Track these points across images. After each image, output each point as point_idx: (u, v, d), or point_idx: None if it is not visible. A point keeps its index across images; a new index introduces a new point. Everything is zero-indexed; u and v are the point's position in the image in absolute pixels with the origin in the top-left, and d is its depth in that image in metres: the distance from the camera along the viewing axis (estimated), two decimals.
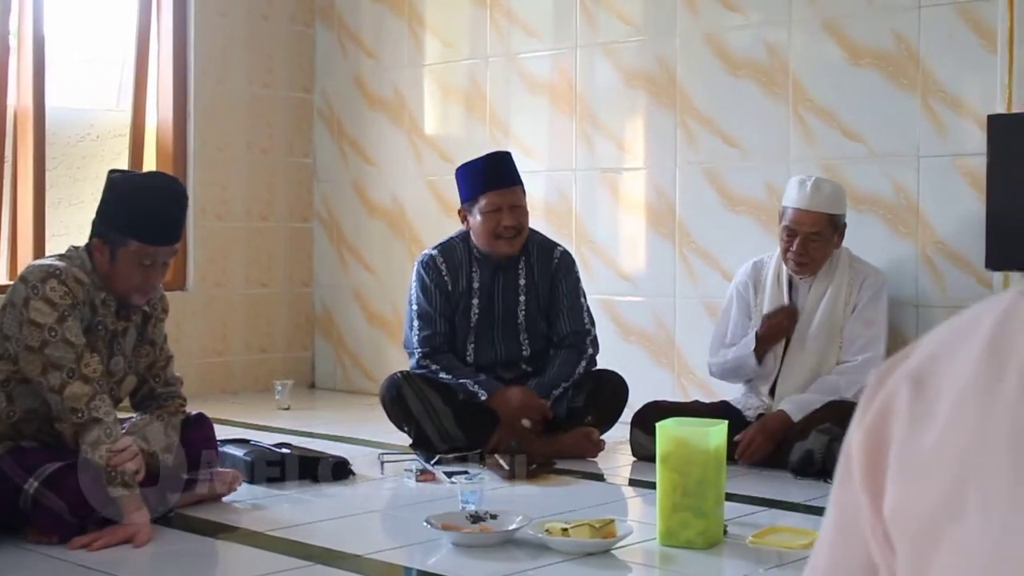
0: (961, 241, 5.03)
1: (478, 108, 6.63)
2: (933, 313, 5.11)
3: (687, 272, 5.84)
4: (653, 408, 4.88)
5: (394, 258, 6.97)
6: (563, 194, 6.27)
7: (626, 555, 3.52)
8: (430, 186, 6.80)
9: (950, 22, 5.07)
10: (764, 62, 5.60)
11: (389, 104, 7.01)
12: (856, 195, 5.28)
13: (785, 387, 4.89)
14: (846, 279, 4.90)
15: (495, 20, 6.54)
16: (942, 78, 5.10)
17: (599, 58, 6.18)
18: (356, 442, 5.34)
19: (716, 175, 5.74)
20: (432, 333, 5.10)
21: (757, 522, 3.87)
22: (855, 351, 4.84)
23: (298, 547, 3.57)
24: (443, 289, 5.14)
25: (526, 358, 5.18)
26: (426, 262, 5.19)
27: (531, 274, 5.19)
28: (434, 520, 3.66)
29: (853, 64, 5.33)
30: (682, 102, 5.85)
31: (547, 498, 4.27)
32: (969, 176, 5.00)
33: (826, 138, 5.40)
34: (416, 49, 6.90)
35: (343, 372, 7.26)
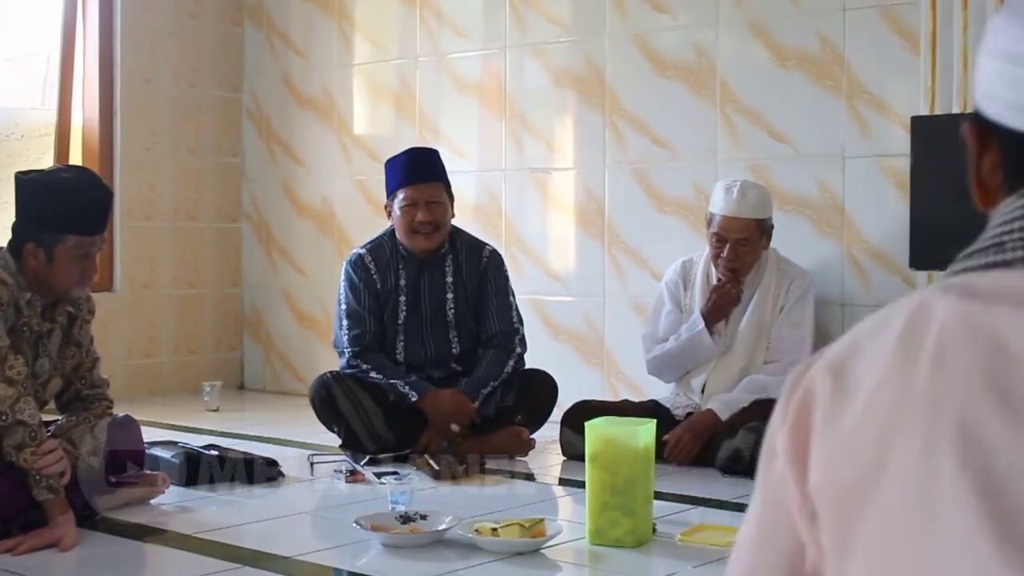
0: (885, 241, 5.09)
1: (407, 108, 6.62)
2: (858, 312, 5.17)
3: (616, 272, 5.87)
4: (583, 407, 4.90)
5: (324, 258, 6.94)
6: (493, 194, 6.28)
7: (556, 554, 3.53)
8: (359, 186, 6.78)
9: (874, 25, 5.13)
10: (692, 63, 5.64)
11: (318, 104, 6.99)
12: (782, 195, 5.33)
13: (714, 386, 4.93)
14: (774, 280, 4.95)
15: (425, 20, 6.53)
16: (867, 80, 5.16)
17: (528, 58, 6.19)
18: (286, 443, 5.32)
19: (645, 175, 5.77)
20: (362, 332, 5.09)
21: (686, 520, 3.90)
22: (782, 352, 4.89)
23: (226, 549, 3.54)
24: (372, 288, 5.13)
25: (456, 356, 5.18)
26: (354, 261, 5.18)
27: (459, 273, 5.19)
28: (364, 521, 3.65)
29: (779, 66, 5.39)
30: (611, 102, 5.88)
31: (477, 498, 4.27)
32: (893, 177, 5.06)
33: (753, 139, 5.45)
34: (345, 49, 6.88)
35: (272, 373, 7.22)
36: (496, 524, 3.57)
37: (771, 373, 4.85)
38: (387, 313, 5.15)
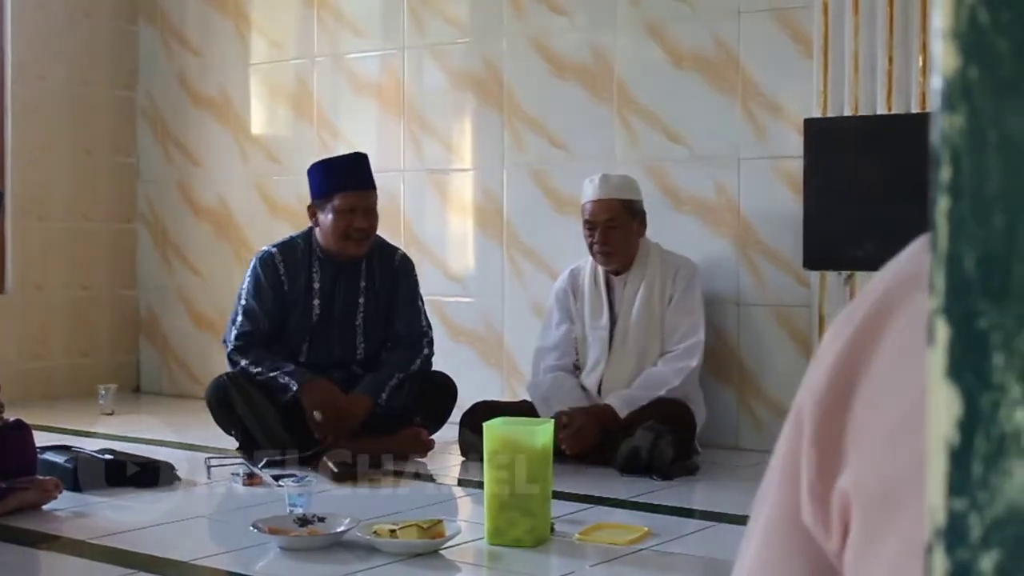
0: (780, 241, 5.16)
1: (305, 109, 6.59)
2: (754, 311, 5.24)
3: (515, 273, 5.89)
4: (482, 408, 4.92)
5: (220, 259, 6.89)
6: (391, 195, 6.26)
7: (454, 555, 3.54)
8: (257, 187, 6.74)
9: (768, 28, 5.20)
10: (589, 64, 5.67)
11: (215, 104, 6.93)
12: (678, 196, 5.39)
13: (611, 383, 4.97)
14: (659, 272, 5.03)
15: (322, 20, 6.51)
16: (761, 82, 5.23)
17: (427, 59, 6.19)
18: (182, 446, 5.26)
19: (543, 176, 5.80)
20: (251, 330, 5.07)
21: (584, 519, 3.93)
22: (677, 339, 4.96)
23: (121, 555, 3.51)
24: (277, 288, 5.11)
25: (359, 361, 5.17)
26: (264, 259, 5.15)
27: (372, 277, 5.19)
28: (261, 524, 3.63)
29: (676, 68, 5.44)
30: (509, 103, 5.90)
31: (376, 499, 4.27)
32: (787, 178, 5.14)
33: (650, 140, 5.50)
34: (242, 48, 6.82)
35: (169, 375, 7.15)
36: (395, 525, 3.57)
37: (668, 362, 4.94)
38: (296, 314, 5.12)
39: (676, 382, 4.84)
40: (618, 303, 5.08)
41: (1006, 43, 0.42)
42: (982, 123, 0.42)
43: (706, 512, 4.10)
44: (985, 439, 0.42)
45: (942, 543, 0.43)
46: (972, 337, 0.42)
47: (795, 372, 5.07)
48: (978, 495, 0.42)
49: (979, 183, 0.42)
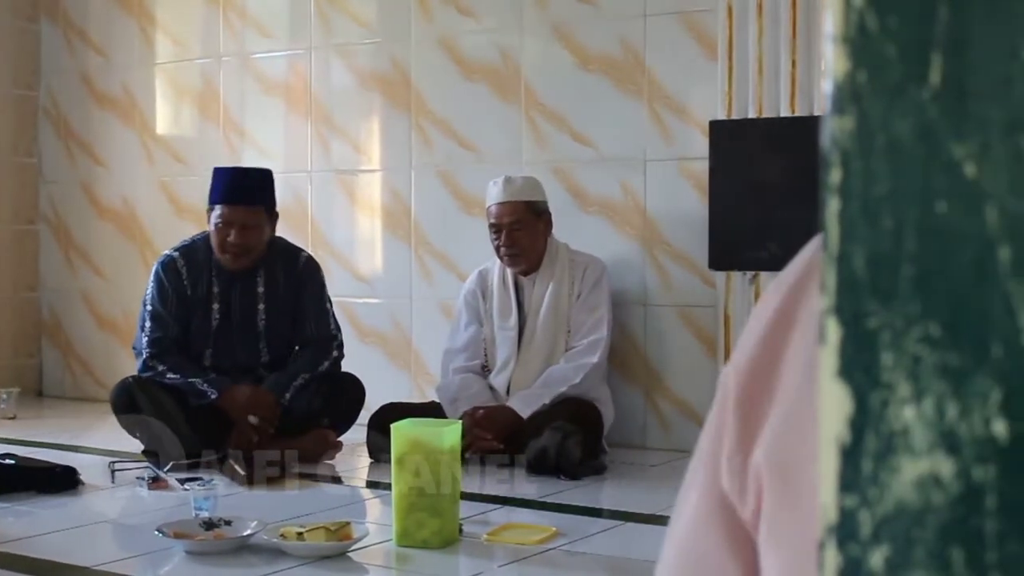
0: (686, 242, 5.21)
1: (211, 109, 6.53)
2: (660, 312, 5.28)
3: (423, 273, 5.88)
4: (390, 409, 4.90)
5: (125, 261, 6.80)
6: (299, 196, 6.23)
7: (362, 557, 3.53)
8: (162, 187, 6.66)
9: (674, 31, 5.24)
10: (497, 66, 5.68)
11: (119, 103, 6.84)
12: (586, 197, 5.41)
13: (520, 383, 4.99)
14: (567, 272, 5.06)
15: (228, 20, 6.45)
16: (667, 84, 5.27)
17: (334, 60, 6.17)
18: (86, 450, 5.19)
19: (451, 177, 5.80)
20: (163, 335, 5.01)
21: (492, 519, 3.94)
22: (581, 336, 4.99)
23: (23, 561, 3.45)
24: (181, 293, 5.06)
25: (264, 364, 5.14)
26: (165, 263, 5.10)
27: (273, 282, 5.14)
28: (166, 528, 3.59)
29: (583, 70, 5.46)
30: (417, 104, 5.89)
31: (283, 502, 4.24)
32: (693, 179, 5.18)
33: (557, 141, 5.52)
34: (147, 47, 6.75)
35: (72, 379, 7.04)
36: (302, 528, 3.56)
37: (571, 359, 4.96)
38: (197, 319, 5.08)
39: (576, 379, 4.87)
40: (527, 304, 5.10)
41: (894, 48, 0.42)
42: (871, 126, 0.43)
43: (614, 511, 4.12)
44: (875, 437, 0.43)
45: (833, 539, 0.44)
46: (862, 336, 0.43)
47: (701, 372, 5.12)
48: (868, 492, 0.43)
49: (868, 185, 0.43)
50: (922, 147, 0.42)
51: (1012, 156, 0.40)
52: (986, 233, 0.41)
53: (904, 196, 0.42)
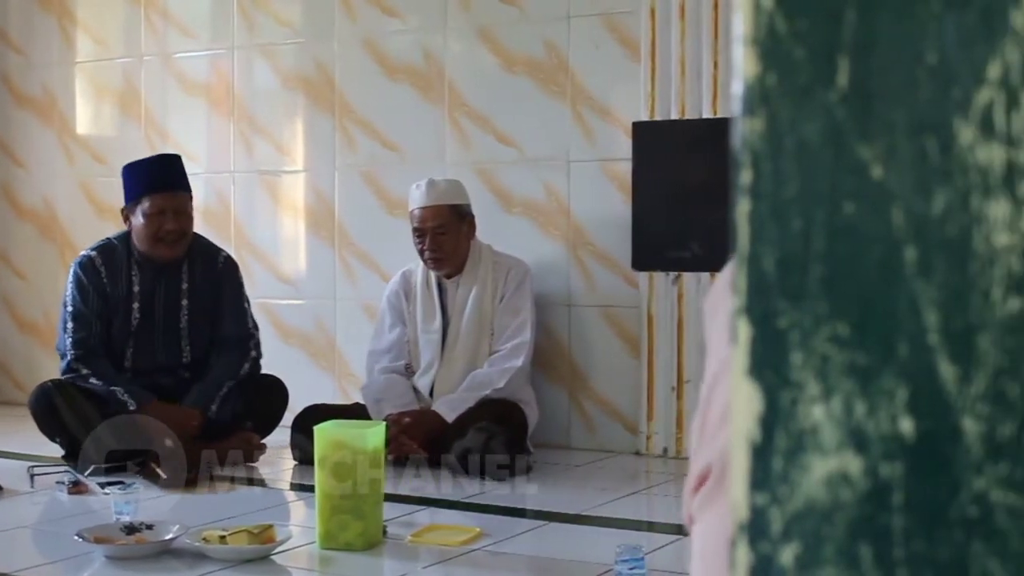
0: (609, 242, 5.23)
1: (133, 108, 6.46)
2: (584, 312, 5.30)
3: (347, 274, 5.86)
4: (314, 411, 4.88)
5: (45, 262, 6.71)
6: (221, 197, 6.18)
7: (285, 560, 3.51)
8: (83, 188, 6.58)
9: (597, 32, 5.26)
10: (421, 67, 5.67)
11: (38, 103, 6.75)
12: (509, 198, 5.42)
13: (444, 385, 4.98)
14: (490, 274, 5.06)
15: (150, 19, 6.39)
16: (590, 86, 5.29)
17: (257, 60, 6.13)
18: (4, 455, 5.12)
19: (374, 178, 5.78)
20: (86, 336, 4.95)
21: (416, 521, 3.93)
22: (505, 339, 5.00)
23: None
24: (101, 291, 5.00)
25: (186, 364, 5.09)
26: (84, 263, 5.04)
27: (195, 279, 5.10)
28: (86, 533, 3.55)
29: (507, 71, 5.47)
30: (340, 105, 5.87)
31: (205, 505, 4.21)
32: (616, 180, 5.20)
33: (481, 142, 5.52)
34: (67, 46, 6.66)
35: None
36: (224, 531, 3.53)
37: (494, 363, 4.96)
38: (117, 319, 5.02)
39: (501, 383, 4.88)
40: (450, 306, 5.10)
41: (802, 51, 0.43)
42: (780, 128, 0.43)
43: (538, 511, 4.13)
44: (785, 435, 0.44)
45: (745, 537, 0.44)
46: (772, 336, 0.44)
47: (625, 372, 5.14)
48: (778, 490, 0.44)
49: (777, 186, 0.43)
50: (830, 149, 0.42)
51: (917, 158, 0.41)
52: (892, 234, 0.41)
53: (813, 197, 0.43)
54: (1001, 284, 0.40)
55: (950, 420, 0.41)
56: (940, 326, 0.41)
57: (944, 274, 0.41)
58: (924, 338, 0.41)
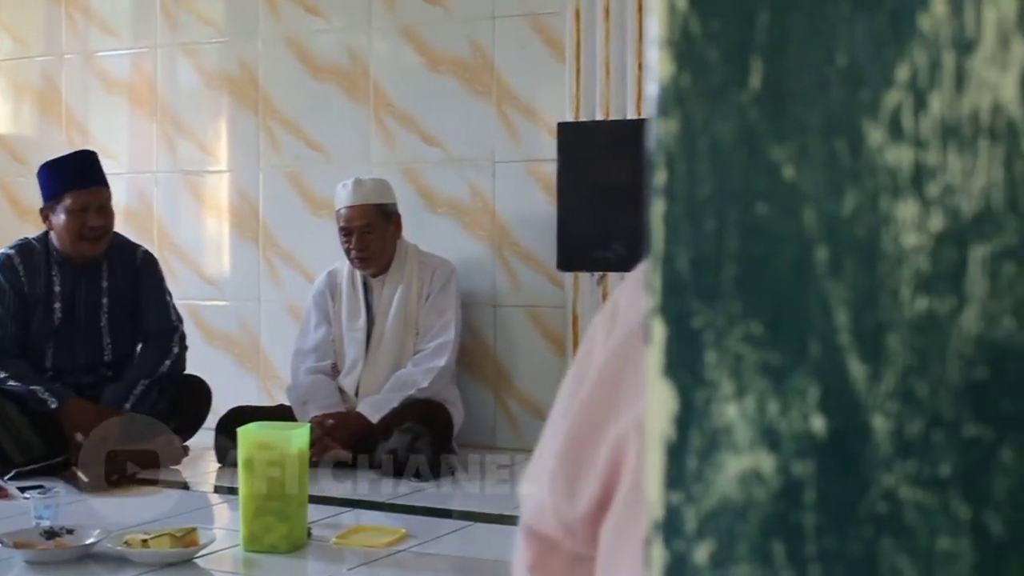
0: (534, 243, 5.24)
1: (53, 108, 6.38)
2: (510, 312, 5.30)
3: (271, 275, 5.82)
4: (238, 413, 4.85)
5: None
6: (144, 197, 6.13)
7: (209, 563, 3.48)
8: (3, 188, 6.49)
9: (522, 33, 5.27)
10: (346, 66, 5.65)
11: None
12: (435, 198, 5.42)
13: (368, 385, 4.98)
14: (416, 273, 5.07)
15: (71, 16, 6.31)
16: (516, 86, 5.30)
17: (180, 59, 6.07)
18: None
19: (299, 178, 5.76)
20: (2, 336, 4.89)
21: (342, 523, 3.92)
22: (429, 339, 5.00)
23: None
24: (19, 291, 4.94)
25: (107, 363, 5.04)
26: (2, 262, 4.97)
27: (114, 277, 5.06)
28: (5, 538, 3.50)
29: (432, 71, 5.46)
30: (264, 105, 5.83)
31: (128, 509, 4.16)
32: (541, 181, 5.21)
33: (406, 142, 5.51)
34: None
35: None
36: (147, 535, 3.50)
37: (418, 363, 4.97)
38: (37, 318, 4.96)
39: (425, 383, 4.88)
40: (376, 305, 5.09)
41: (716, 52, 0.43)
42: (694, 128, 0.44)
43: (463, 512, 4.13)
44: (699, 434, 0.44)
45: (660, 536, 0.45)
46: (686, 336, 0.44)
47: (549, 372, 5.15)
48: (693, 488, 0.44)
49: (691, 186, 0.44)
50: (743, 149, 0.43)
51: (828, 159, 0.41)
52: (804, 234, 0.42)
53: (726, 198, 0.43)
54: (909, 284, 0.40)
55: (860, 418, 0.41)
56: (850, 325, 0.41)
57: (854, 274, 0.41)
58: (835, 337, 0.42)
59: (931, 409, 0.40)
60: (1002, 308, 0.39)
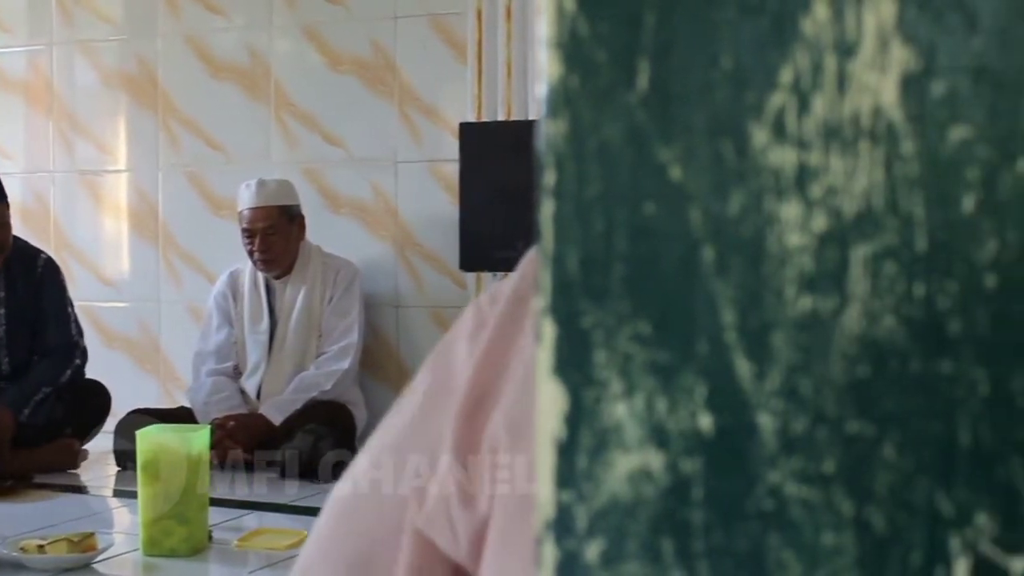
0: (437, 243, 5.24)
1: None
2: (412, 313, 5.30)
3: (171, 276, 5.76)
4: (138, 415, 4.79)
5: None
6: (40, 198, 6.03)
7: (108, 568, 3.44)
8: None
9: (424, 33, 5.27)
10: (246, 66, 5.61)
11: None
12: (337, 198, 5.39)
13: (271, 387, 4.95)
14: (319, 275, 5.05)
15: None
16: (418, 86, 5.29)
17: (77, 57, 5.99)
18: None
19: (199, 178, 5.70)
20: None
21: (243, 525, 3.89)
22: (333, 341, 4.98)
23: None
24: None
25: (6, 375, 4.93)
26: None
27: (12, 286, 4.94)
28: None
29: (333, 70, 5.44)
30: (164, 104, 5.77)
31: (24, 515, 4.10)
32: (443, 181, 5.21)
33: (307, 142, 5.48)
34: None
35: None
36: (43, 541, 3.45)
37: (321, 365, 4.95)
38: None
39: (328, 385, 4.87)
40: (278, 307, 5.06)
41: (604, 53, 0.43)
42: (582, 129, 0.44)
43: None
44: (589, 433, 0.44)
45: (551, 535, 0.45)
46: (575, 335, 0.44)
47: None
48: (583, 487, 0.44)
49: (580, 187, 0.44)
50: (631, 150, 0.43)
51: (714, 160, 0.42)
52: (690, 233, 0.42)
53: (615, 198, 0.43)
54: (793, 283, 0.41)
55: (746, 416, 0.42)
56: (737, 324, 0.42)
57: (740, 273, 0.42)
58: (721, 336, 0.42)
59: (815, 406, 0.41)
60: (883, 307, 0.40)
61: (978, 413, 0.39)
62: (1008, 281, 0.39)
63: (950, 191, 0.39)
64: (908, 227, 0.40)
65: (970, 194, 0.39)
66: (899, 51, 0.39)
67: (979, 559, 0.39)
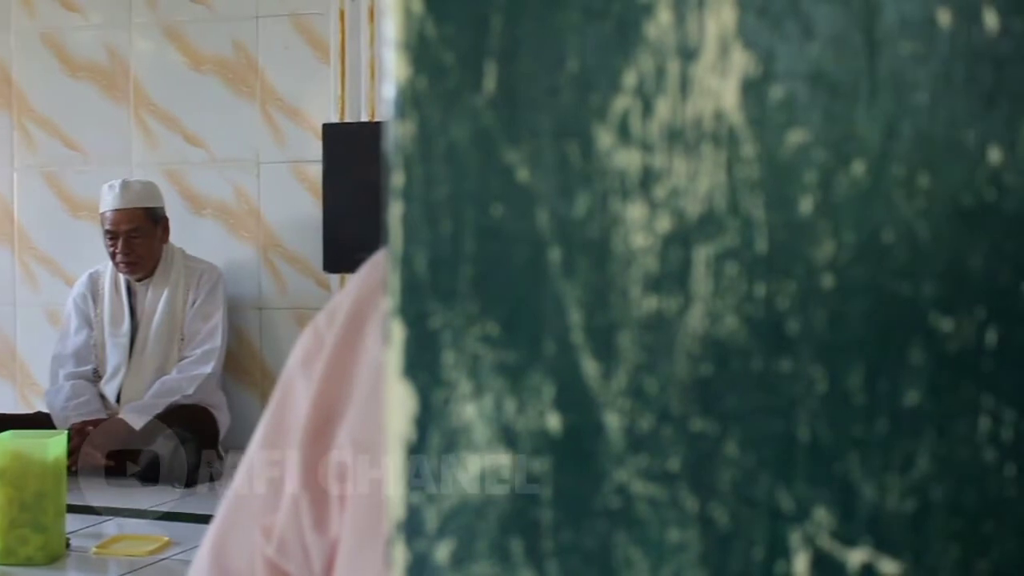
0: (300, 245, 5.20)
1: None
2: (275, 315, 5.25)
3: (28, 279, 5.64)
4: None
5: None
6: None
7: None
8: None
9: (286, 33, 5.22)
10: (105, 64, 5.51)
11: None
12: (198, 199, 5.33)
13: (131, 391, 4.88)
14: (182, 278, 4.99)
15: None
16: (280, 87, 5.25)
17: None
18: None
19: (56, 179, 5.59)
20: None
21: (103, 532, 3.83)
22: (195, 345, 4.93)
23: None
24: None
25: None
26: None
27: None
28: None
29: (194, 70, 5.37)
30: (19, 103, 5.65)
31: None
32: (307, 182, 5.18)
33: (168, 143, 5.41)
34: None
35: None
36: None
37: (183, 369, 4.91)
38: None
39: (190, 390, 4.82)
40: (140, 310, 4.99)
41: (451, 55, 0.44)
42: (430, 131, 0.44)
43: None
44: (439, 434, 0.44)
45: (402, 536, 0.45)
46: (424, 336, 0.44)
47: None
48: (433, 488, 0.44)
49: (428, 189, 0.44)
50: (478, 152, 0.43)
51: (560, 162, 0.42)
52: (538, 235, 0.42)
53: (462, 199, 0.44)
54: (639, 283, 0.41)
55: (594, 415, 0.42)
56: (583, 324, 0.42)
57: (586, 274, 0.42)
58: (569, 336, 0.42)
59: (660, 405, 0.41)
60: (725, 306, 0.41)
61: (816, 410, 0.40)
62: (844, 281, 0.40)
63: (789, 193, 0.40)
64: (749, 228, 0.40)
65: (807, 196, 0.40)
66: (739, 56, 0.40)
67: (818, 552, 0.40)
